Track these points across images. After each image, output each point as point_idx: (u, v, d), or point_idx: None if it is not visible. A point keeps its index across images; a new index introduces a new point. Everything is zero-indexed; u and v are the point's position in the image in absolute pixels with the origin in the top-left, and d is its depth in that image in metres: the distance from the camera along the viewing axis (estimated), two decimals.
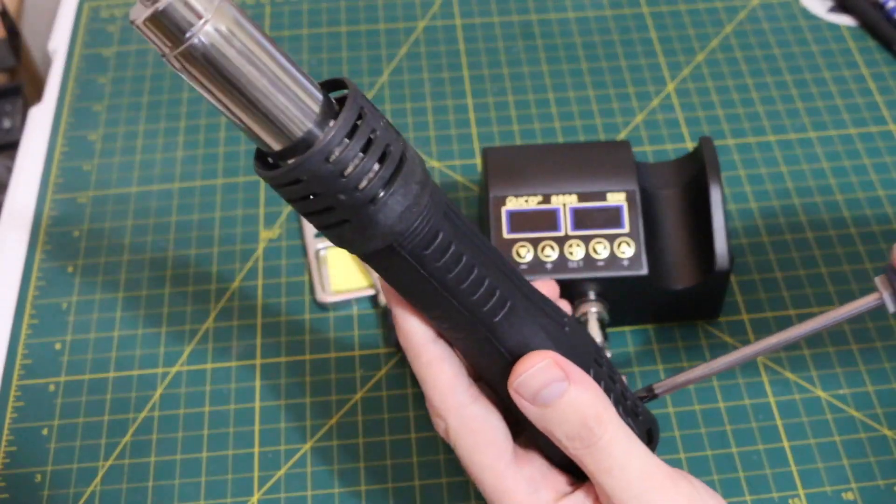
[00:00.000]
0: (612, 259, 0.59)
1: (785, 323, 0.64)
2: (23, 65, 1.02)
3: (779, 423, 0.59)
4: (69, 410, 0.61)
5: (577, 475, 0.44)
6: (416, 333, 0.42)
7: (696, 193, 0.60)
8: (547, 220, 0.59)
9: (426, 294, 0.39)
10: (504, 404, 0.44)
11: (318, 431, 0.60)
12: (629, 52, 0.80)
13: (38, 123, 0.77)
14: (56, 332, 0.64)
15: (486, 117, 0.76)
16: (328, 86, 0.36)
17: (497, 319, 0.41)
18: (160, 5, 0.30)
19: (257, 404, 0.61)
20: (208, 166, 0.73)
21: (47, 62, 0.84)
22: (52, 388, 0.62)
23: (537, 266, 0.58)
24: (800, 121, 0.75)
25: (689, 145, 0.73)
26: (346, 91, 0.36)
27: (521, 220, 0.59)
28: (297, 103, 0.34)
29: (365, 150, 0.35)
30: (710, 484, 0.56)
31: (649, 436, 0.47)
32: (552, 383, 0.41)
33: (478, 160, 0.73)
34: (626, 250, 0.59)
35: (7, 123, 0.97)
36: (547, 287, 0.49)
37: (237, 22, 0.32)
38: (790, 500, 0.56)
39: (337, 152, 0.34)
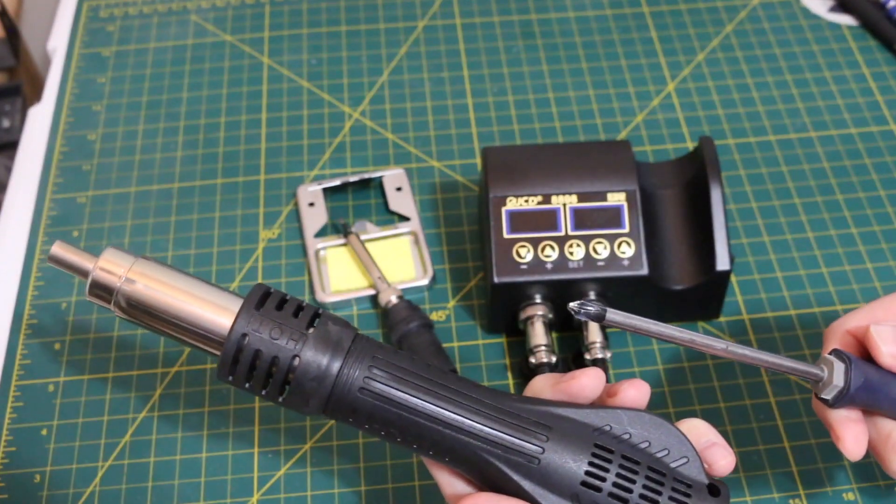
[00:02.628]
0: (613, 259, 0.58)
1: (785, 323, 0.64)
2: (22, 64, 1.02)
3: (779, 423, 0.59)
4: (68, 410, 0.61)
5: None
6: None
7: (696, 193, 0.60)
8: (547, 220, 0.59)
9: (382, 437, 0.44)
10: None
11: (318, 431, 0.60)
12: (629, 51, 0.80)
13: (38, 123, 0.77)
14: (55, 331, 0.64)
15: (486, 117, 0.76)
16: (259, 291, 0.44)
17: (448, 459, 0.43)
18: (89, 278, 0.44)
19: (257, 404, 0.61)
20: (208, 166, 0.73)
21: (46, 62, 0.84)
22: (51, 388, 0.62)
23: (537, 266, 0.58)
24: (800, 120, 0.75)
25: (690, 145, 0.73)
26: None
27: (521, 220, 0.59)
28: (210, 317, 0.43)
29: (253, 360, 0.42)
30: None
31: None
32: None
33: (478, 160, 0.73)
34: (627, 250, 0.59)
35: (6, 123, 0.96)
36: (634, 388, 0.44)
37: (147, 276, 0.43)
38: (791, 501, 0.56)
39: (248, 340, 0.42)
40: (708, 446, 0.43)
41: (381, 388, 0.42)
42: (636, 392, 0.43)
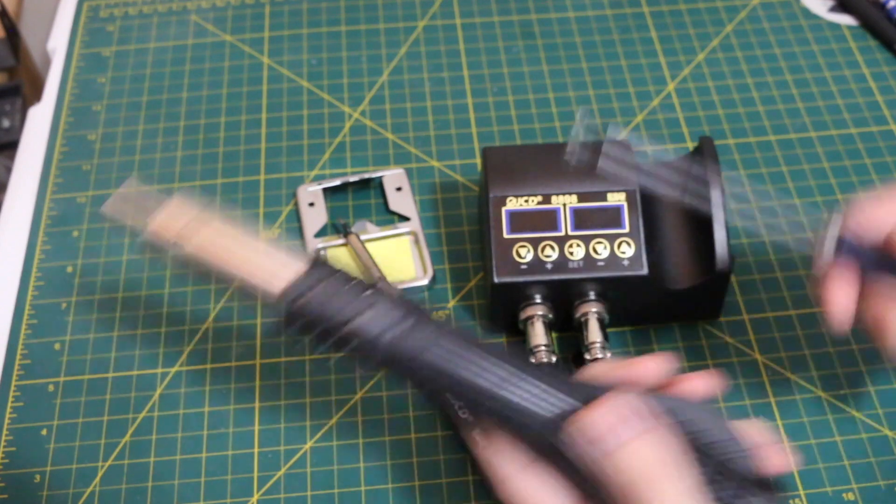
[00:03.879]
0: (613, 259, 0.58)
1: (785, 323, 0.63)
2: (22, 64, 1.02)
3: (779, 423, 0.59)
4: (68, 411, 0.61)
5: None
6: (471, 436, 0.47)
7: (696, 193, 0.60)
8: (547, 220, 0.59)
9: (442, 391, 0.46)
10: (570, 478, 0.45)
11: (318, 431, 0.60)
12: (629, 51, 0.80)
13: (38, 123, 0.77)
14: (55, 332, 0.64)
15: (486, 117, 0.76)
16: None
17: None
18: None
19: (257, 404, 0.61)
20: (208, 166, 0.73)
21: (46, 62, 0.84)
22: (51, 388, 0.62)
23: (537, 266, 0.58)
24: (800, 120, 0.75)
25: (690, 145, 0.73)
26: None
27: (522, 220, 0.59)
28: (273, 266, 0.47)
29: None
30: None
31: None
32: (617, 428, 0.42)
33: (478, 160, 0.73)
34: (627, 250, 0.59)
35: (6, 123, 0.96)
36: (703, 380, 0.46)
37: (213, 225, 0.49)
38: (791, 501, 0.56)
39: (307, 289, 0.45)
40: (763, 445, 0.45)
41: (451, 340, 0.45)
42: (703, 384, 0.45)
